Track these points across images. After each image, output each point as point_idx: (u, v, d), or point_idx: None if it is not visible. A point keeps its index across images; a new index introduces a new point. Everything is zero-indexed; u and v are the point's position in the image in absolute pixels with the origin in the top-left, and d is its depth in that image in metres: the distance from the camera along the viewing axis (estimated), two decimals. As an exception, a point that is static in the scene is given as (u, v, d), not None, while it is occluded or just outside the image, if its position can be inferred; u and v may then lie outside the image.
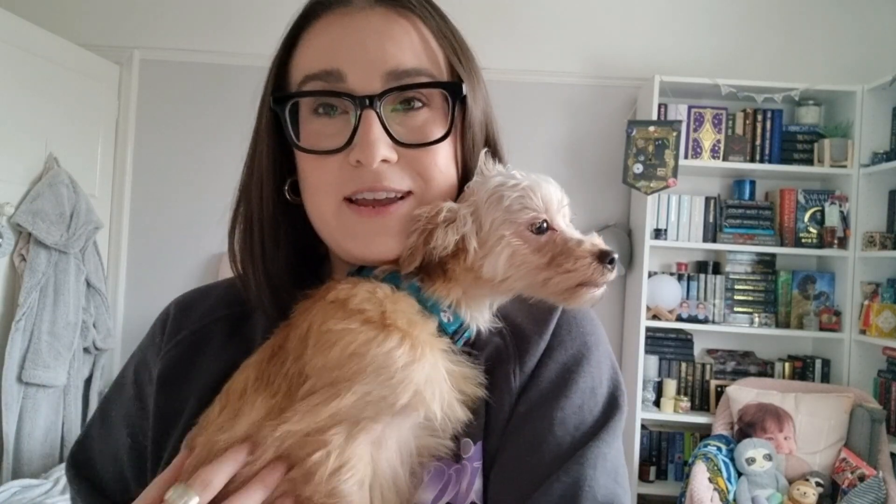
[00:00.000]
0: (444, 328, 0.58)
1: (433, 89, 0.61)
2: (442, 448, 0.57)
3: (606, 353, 0.64)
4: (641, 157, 3.04)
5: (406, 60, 0.60)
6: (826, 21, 3.39)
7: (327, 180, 0.60)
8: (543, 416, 0.58)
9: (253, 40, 3.39)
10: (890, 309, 2.89)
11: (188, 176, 3.41)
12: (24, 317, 2.64)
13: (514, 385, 0.59)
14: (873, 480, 2.49)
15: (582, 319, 0.64)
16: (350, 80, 0.59)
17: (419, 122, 0.61)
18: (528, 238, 0.58)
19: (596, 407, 0.59)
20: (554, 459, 0.55)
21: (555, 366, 0.60)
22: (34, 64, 2.80)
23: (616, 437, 0.59)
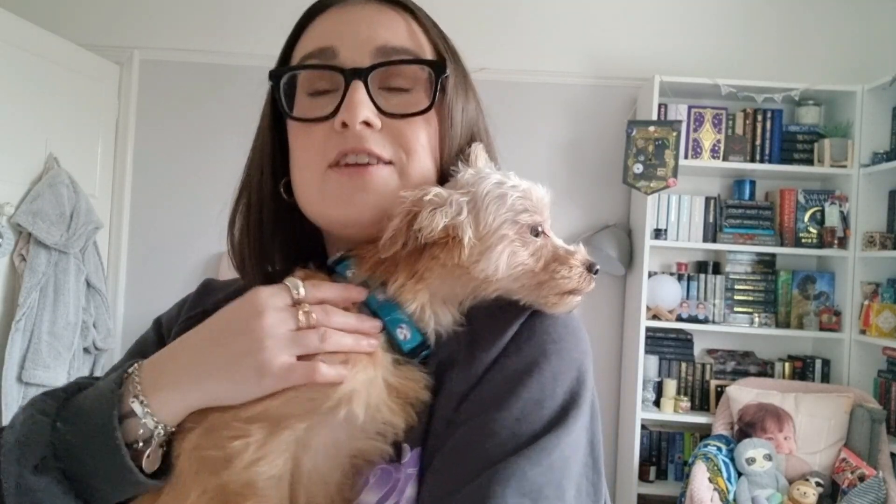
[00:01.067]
0: (399, 346, 0.57)
1: (417, 69, 0.64)
2: (378, 451, 0.55)
3: (572, 362, 0.57)
4: (641, 157, 3.04)
5: (394, 40, 0.63)
6: (826, 21, 3.39)
7: (313, 151, 0.63)
8: (477, 424, 0.53)
9: (253, 40, 3.40)
10: (890, 309, 2.89)
11: (188, 176, 3.41)
12: (24, 317, 2.64)
13: (459, 390, 0.56)
14: (873, 480, 2.49)
15: (551, 326, 0.59)
16: (342, 56, 0.62)
17: (405, 101, 0.63)
18: (527, 240, 0.59)
19: (538, 421, 0.53)
20: (472, 471, 0.50)
21: (502, 373, 0.55)
22: (34, 64, 2.80)
23: (549, 454, 0.51)
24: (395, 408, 0.55)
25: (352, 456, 0.55)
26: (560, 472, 0.51)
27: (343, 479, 0.55)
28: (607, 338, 3.40)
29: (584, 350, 0.59)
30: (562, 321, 0.60)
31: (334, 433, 0.54)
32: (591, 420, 0.57)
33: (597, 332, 3.40)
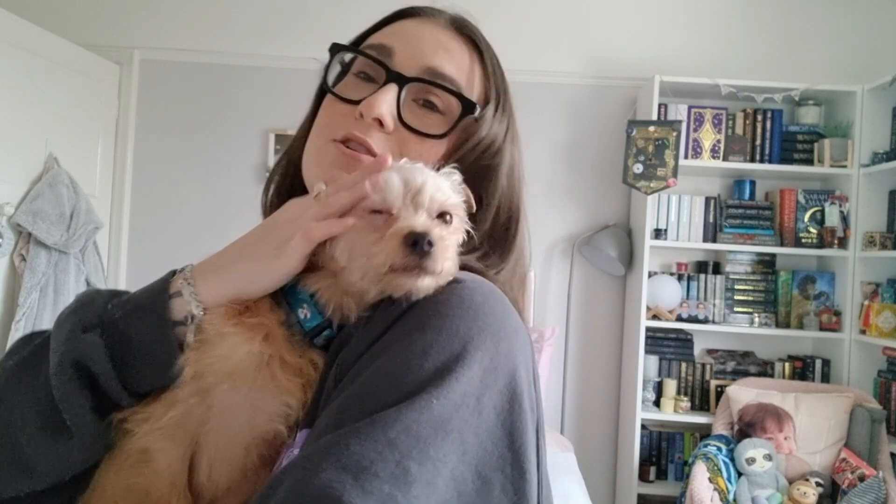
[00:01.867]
0: (301, 325, 0.58)
1: (453, 100, 0.67)
2: (281, 434, 0.56)
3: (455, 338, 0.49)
4: (641, 157, 3.04)
5: (447, 68, 0.68)
6: (826, 21, 3.39)
7: (329, 122, 0.68)
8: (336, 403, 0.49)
9: (253, 40, 3.40)
10: (890, 309, 2.89)
11: (188, 176, 3.41)
12: (24, 317, 2.64)
13: (338, 371, 0.54)
14: (873, 480, 2.49)
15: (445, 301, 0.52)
16: (395, 58, 0.67)
17: (427, 119, 0.67)
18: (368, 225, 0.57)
19: (389, 394, 0.46)
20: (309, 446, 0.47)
21: (374, 348, 0.52)
22: (34, 64, 2.80)
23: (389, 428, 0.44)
24: (291, 386, 0.55)
25: (255, 437, 0.56)
26: (404, 450, 0.43)
27: (247, 461, 0.56)
28: (607, 338, 3.40)
29: (487, 331, 0.51)
30: (465, 300, 0.53)
31: (235, 415, 0.55)
32: (511, 410, 0.49)
33: (597, 332, 3.40)
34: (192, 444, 0.56)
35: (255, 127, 3.38)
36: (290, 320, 0.59)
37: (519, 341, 0.53)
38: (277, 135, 3.35)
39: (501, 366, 0.50)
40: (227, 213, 3.38)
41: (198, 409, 0.55)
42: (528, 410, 0.50)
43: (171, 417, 0.54)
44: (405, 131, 0.66)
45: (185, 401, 0.54)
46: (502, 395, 0.49)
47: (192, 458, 0.56)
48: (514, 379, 0.50)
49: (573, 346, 3.35)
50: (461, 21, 0.72)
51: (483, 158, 0.68)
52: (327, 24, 3.38)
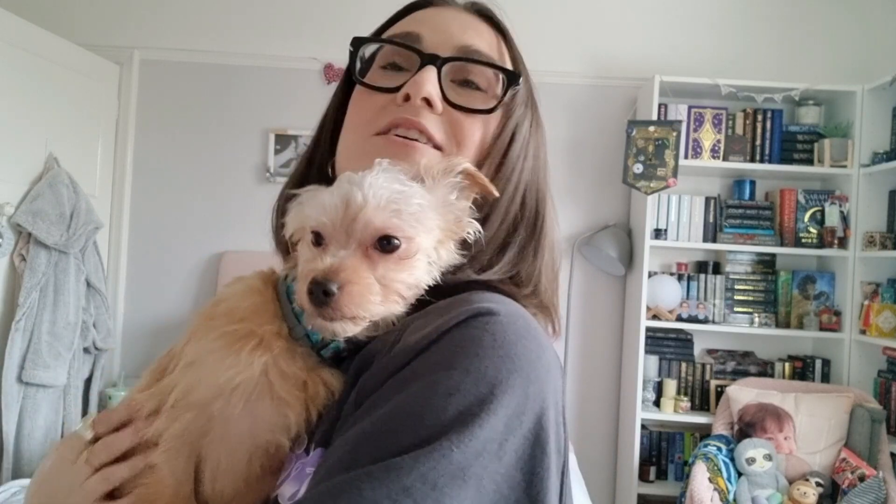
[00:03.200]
0: (308, 337, 0.56)
1: (493, 76, 0.65)
2: (284, 447, 0.54)
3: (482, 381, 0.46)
4: (641, 157, 3.04)
5: (479, 45, 0.66)
6: (826, 21, 3.39)
7: (366, 118, 0.64)
8: (352, 432, 0.47)
9: (253, 40, 3.40)
10: (890, 309, 2.89)
11: (188, 176, 3.41)
12: (24, 317, 2.64)
13: (359, 394, 0.51)
14: (873, 480, 2.49)
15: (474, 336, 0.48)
16: (424, 43, 0.65)
17: (471, 97, 0.65)
18: (311, 248, 0.54)
19: (411, 436, 0.44)
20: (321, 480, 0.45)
21: (394, 380, 0.48)
22: (34, 64, 2.80)
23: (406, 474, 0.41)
24: (290, 399, 0.53)
25: (256, 447, 0.54)
26: (419, 498, 0.41)
27: (250, 471, 0.55)
28: (607, 338, 3.40)
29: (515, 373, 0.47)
30: (491, 335, 0.49)
31: (236, 425, 0.53)
32: (533, 455, 0.46)
33: (597, 332, 3.40)
34: (194, 454, 0.55)
35: (255, 127, 3.38)
36: (296, 332, 0.56)
37: (550, 380, 0.50)
38: (277, 135, 3.35)
39: (529, 410, 0.47)
40: (228, 213, 3.38)
41: (197, 423, 0.54)
42: (551, 454, 0.47)
43: (172, 433, 0.54)
44: (454, 111, 0.63)
45: (182, 417, 0.54)
46: (525, 440, 0.46)
47: (196, 467, 0.56)
48: (539, 422, 0.47)
49: (573, 346, 3.35)
50: (479, 4, 0.71)
51: (514, 142, 0.66)
52: (328, 25, 3.38)
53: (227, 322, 0.55)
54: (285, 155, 3.36)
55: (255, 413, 0.53)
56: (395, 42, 0.66)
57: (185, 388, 0.54)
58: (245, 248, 3.32)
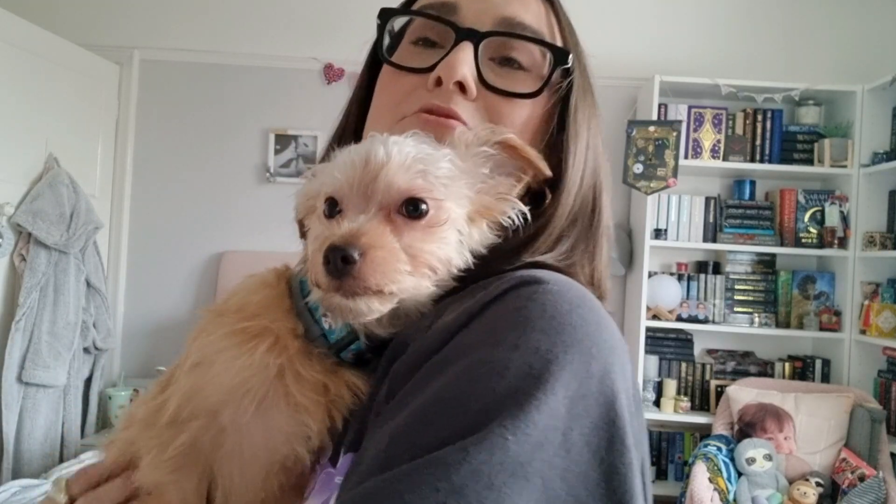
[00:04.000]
0: (325, 336, 0.49)
1: (538, 52, 0.57)
2: (292, 456, 0.48)
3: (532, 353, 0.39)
4: (641, 157, 3.03)
5: (525, 17, 0.58)
6: (826, 21, 3.39)
7: (394, 100, 0.58)
8: (383, 424, 0.41)
9: (253, 40, 3.40)
10: (890, 309, 2.89)
11: (188, 176, 3.41)
12: (24, 317, 2.64)
13: (390, 387, 0.45)
14: (873, 480, 2.49)
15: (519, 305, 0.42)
16: (461, 14, 0.57)
17: (512, 78, 0.57)
18: (322, 221, 0.48)
19: (448, 426, 0.37)
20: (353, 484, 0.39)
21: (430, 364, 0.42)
22: (34, 64, 2.80)
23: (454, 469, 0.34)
24: (308, 404, 0.47)
25: (273, 462, 0.48)
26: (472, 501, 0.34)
27: (269, 490, 0.49)
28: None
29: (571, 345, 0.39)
30: (540, 304, 0.42)
31: (249, 436, 0.47)
32: (611, 448, 0.38)
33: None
34: (205, 473, 0.49)
35: (255, 127, 3.38)
36: (312, 332, 0.49)
37: (617, 361, 0.41)
38: (277, 135, 3.35)
39: (594, 392, 0.39)
40: (228, 213, 3.38)
41: (207, 435, 0.48)
42: (631, 448, 0.39)
43: (178, 446, 0.47)
44: (491, 95, 0.56)
45: (189, 427, 0.47)
46: (598, 430, 0.38)
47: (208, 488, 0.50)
48: (612, 408, 0.39)
49: (573, 346, 3.35)
50: None
51: (567, 130, 0.58)
52: (328, 25, 3.38)
53: (239, 318, 0.49)
54: (285, 155, 3.36)
55: (270, 422, 0.47)
56: (427, 14, 0.58)
57: (190, 392, 0.48)
58: (245, 248, 3.32)
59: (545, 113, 0.58)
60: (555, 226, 0.54)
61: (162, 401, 0.50)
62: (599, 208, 0.59)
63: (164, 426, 0.48)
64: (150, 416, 0.50)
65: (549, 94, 0.58)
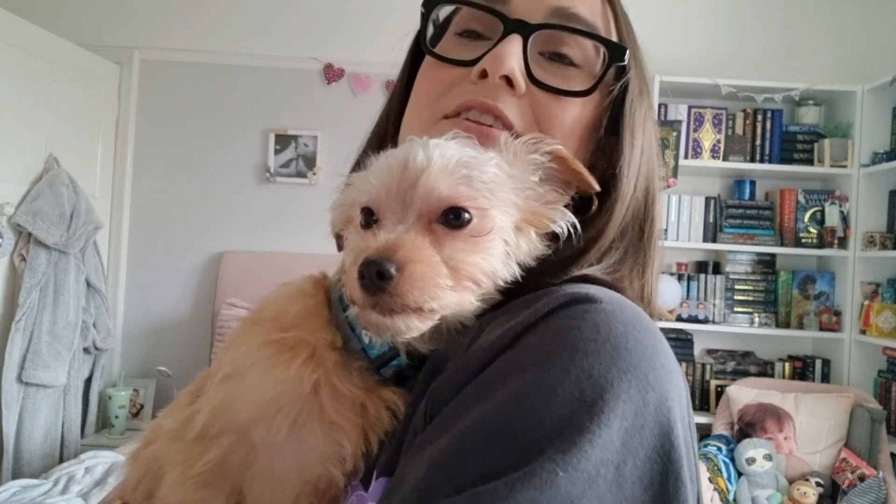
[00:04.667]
0: (365, 351, 0.47)
1: (592, 48, 0.54)
2: (338, 479, 0.45)
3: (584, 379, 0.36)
4: (641, 157, 3.03)
5: (580, 8, 0.54)
6: (826, 21, 3.39)
7: (434, 94, 0.54)
8: (422, 448, 0.39)
9: (253, 40, 3.40)
10: (890, 309, 2.89)
11: (188, 176, 3.41)
12: (24, 317, 2.64)
13: (429, 407, 0.42)
14: (873, 480, 2.49)
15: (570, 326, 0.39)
16: (511, 4, 0.53)
17: (562, 75, 0.53)
18: (358, 232, 0.46)
19: (492, 457, 0.35)
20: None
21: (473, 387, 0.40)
22: (34, 64, 2.80)
23: None
24: (344, 423, 0.44)
25: (305, 483, 0.46)
26: None
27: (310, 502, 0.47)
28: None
29: (627, 371, 0.37)
30: (592, 325, 0.39)
31: (281, 455, 0.45)
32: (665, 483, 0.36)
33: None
34: (233, 492, 0.46)
35: (255, 127, 3.38)
36: (351, 345, 0.47)
37: (673, 388, 0.39)
38: (277, 135, 3.35)
39: (650, 422, 0.36)
40: (228, 213, 3.38)
41: (237, 452, 0.45)
42: (687, 483, 0.36)
43: (206, 462, 0.45)
44: (540, 92, 0.52)
45: (219, 443, 0.45)
46: (653, 463, 0.36)
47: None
48: (668, 440, 0.36)
49: (573, 346, 3.35)
50: None
51: (624, 128, 0.54)
52: (328, 25, 3.38)
53: (274, 329, 0.46)
54: (285, 155, 3.36)
55: (304, 441, 0.44)
56: (474, 4, 0.54)
57: (220, 406, 0.45)
58: (245, 248, 3.32)
59: (596, 113, 0.55)
60: (607, 237, 0.51)
61: (190, 413, 0.48)
62: (652, 218, 0.56)
63: (192, 441, 0.46)
64: (177, 430, 0.48)
65: (602, 94, 0.55)
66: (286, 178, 3.34)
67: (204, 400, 0.47)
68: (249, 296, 2.95)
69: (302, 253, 3.11)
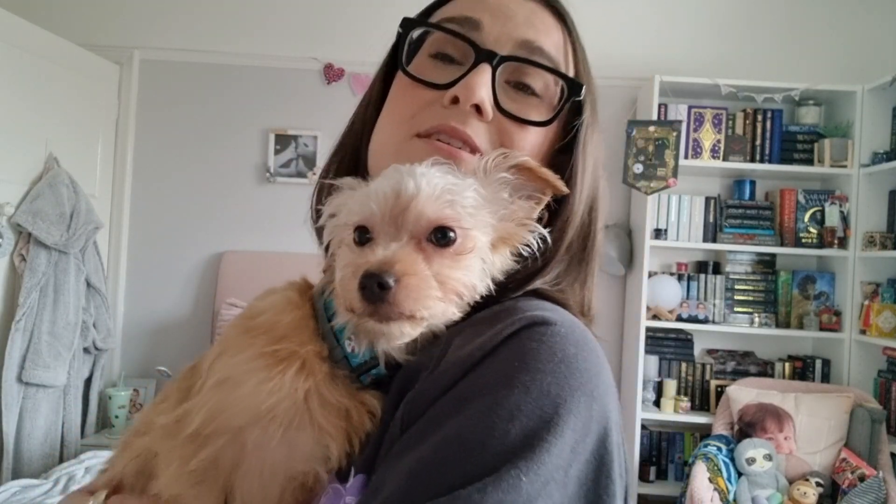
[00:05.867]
0: (347, 359, 0.51)
1: (552, 81, 0.59)
2: (320, 477, 0.49)
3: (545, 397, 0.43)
4: (641, 157, 3.04)
5: (544, 43, 0.59)
6: (826, 21, 3.39)
7: (409, 112, 0.59)
8: (401, 458, 0.44)
9: (253, 40, 3.40)
10: (890, 309, 2.89)
11: (188, 176, 3.41)
12: (24, 317, 2.64)
13: (405, 415, 0.47)
14: (873, 480, 2.49)
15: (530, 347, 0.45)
16: (484, 33, 0.58)
17: (525, 103, 0.59)
18: (352, 248, 0.50)
19: (461, 469, 0.40)
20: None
21: (446, 401, 0.45)
22: (34, 64, 2.80)
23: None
24: (331, 429, 0.48)
25: (291, 479, 0.50)
26: None
27: (284, 501, 0.50)
28: (607, 338, 3.40)
29: (579, 388, 0.44)
30: (549, 347, 0.45)
31: (271, 455, 0.49)
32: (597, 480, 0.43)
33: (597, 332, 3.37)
34: (225, 487, 0.50)
35: (255, 127, 3.38)
36: (335, 354, 0.51)
37: (612, 400, 0.47)
38: (277, 135, 3.35)
39: (593, 431, 0.44)
40: (228, 213, 3.38)
41: (230, 451, 0.49)
42: (616, 479, 0.44)
43: (200, 460, 0.48)
44: (505, 119, 0.58)
45: (213, 442, 0.49)
46: (589, 465, 0.43)
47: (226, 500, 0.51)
48: (604, 444, 0.44)
49: (573, 346, 3.35)
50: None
51: (575, 158, 0.59)
52: (328, 25, 3.38)
53: (268, 340, 0.50)
54: (285, 155, 3.36)
55: (293, 443, 0.49)
56: (450, 31, 0.59)
57: (215, 409, 0.48)
58: (245, 248, 3.32)
59: (554, 138, 0.61)
60: (560, 252, 0.57)
61: (183, 412, 0.51)
62: (594, 234, 0.61)
63: (187, 439, 0.49)
64: (171, 427, 0.51)
65: (560, 123, 0.61)
66: (286, 178, 3.34)
67: (198, 401, 0.50)
68: (249, 296, 2.91)
69: (302, 253, 3.10)
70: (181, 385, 0.55)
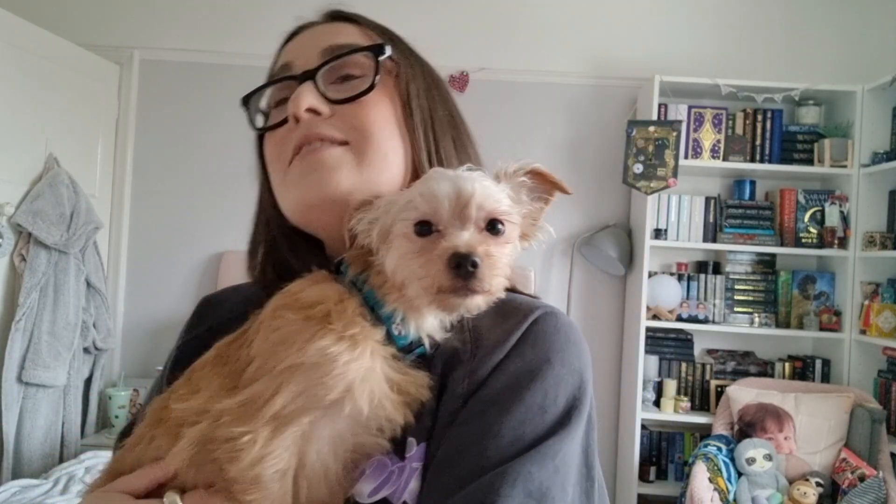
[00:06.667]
0: (395, 341, 0.57)
1: (364, 59, 0.66)
2: (378, 447, 0.56)
3: (574, 370, 0.58)
4: (641, 157, 3.04)
5: (341, 40, 0.68)
6: (826, 21, 3.39)
7: (277, 154, 0.68)
8: (480, 425, 0.55)
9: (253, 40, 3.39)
10: (890, 309, 2.89)
11: (188, 176, 3.41)
12: (24, 317, 2.64)
13: (462, 390, 0.57)
14: (873, 480, 2.49)
15: (552, 333, 0.60)
16: (295, 67, 0.68)
17: (353, 86, 0.66)
18: (413, 239, 0.56)
19: (541, 425, 0.55)
20: (474, 471, 0.52)
21: (505, 376, 0.57)
22: (34, 64, 2.80)
23: (553, 458, 0.53)
24: (396, 403, 0.55)
25: (352, 450, 0.56)
26: (563, 475, 0.53)
27: (343, 472, 0.56)
28: (607, 338, 3.40)
29: (585, 361, 0.60)
30: (564, 332, 0.60)
31: (338, 427, 0.55)
32: (588, 429, 0.58)
33: (597, 332, 3.40)
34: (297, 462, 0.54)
35: (255, 127, 3.38)
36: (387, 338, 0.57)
37: (588, 359, 0.61)
38: (277, 135, 3.35)
39: (585, 383, 0.59)
40: (228, 213, 3.38)
41: (311, 426, 0.54)
42: (594, 424, 0.59)
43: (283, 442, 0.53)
44: (343, 106, 0.65)
45: (299, 421, 0.53)
46: (588, 416, 0.58)
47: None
48: (591, 401, 0.59)
49: (573, 346, 3.35)
50: (330, 10, 0.73)
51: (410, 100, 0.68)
52: (327, 24, 3.38)
53: (344, 326, 0.54)
54: (285, 155, 3.36)
55: (373, 415, 0.54)
56: (271, 82, 0.71)
57: (303, 389, 0.52)
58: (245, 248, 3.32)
59: (398, 105, 0.67)
60: None
61: (249, 396, 0.53)
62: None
63: (269, 420, 0.52)
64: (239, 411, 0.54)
65: (394, 83, 0.68)
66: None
67: (270, 384, 0.53)
68: (249, 296, 2.94)
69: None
70: (220, 371, 0.58)
